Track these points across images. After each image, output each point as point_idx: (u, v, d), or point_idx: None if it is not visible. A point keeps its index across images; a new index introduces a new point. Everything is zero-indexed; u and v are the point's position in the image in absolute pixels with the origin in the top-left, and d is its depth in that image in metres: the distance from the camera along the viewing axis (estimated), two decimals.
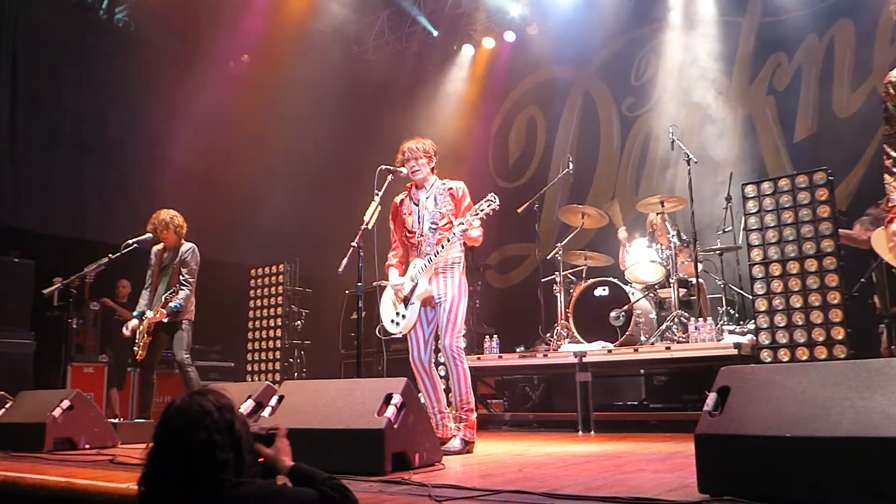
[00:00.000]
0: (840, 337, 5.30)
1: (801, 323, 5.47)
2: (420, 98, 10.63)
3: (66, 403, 4.73)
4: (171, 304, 5.96)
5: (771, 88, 8.57)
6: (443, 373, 5.47)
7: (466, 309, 4.74)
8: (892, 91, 3.20)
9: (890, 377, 2.15)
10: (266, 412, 3.63)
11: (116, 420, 5.36)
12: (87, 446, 4.75)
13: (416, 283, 4.61)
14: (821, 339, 5.37)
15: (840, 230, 5.57)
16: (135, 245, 6.12)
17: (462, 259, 4.78)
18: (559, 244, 7.22)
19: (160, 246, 6.36)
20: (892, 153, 3.18)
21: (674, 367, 6.63)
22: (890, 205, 3.12)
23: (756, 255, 5.78)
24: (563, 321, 6.95)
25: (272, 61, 9.69)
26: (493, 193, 4.55)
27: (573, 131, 10.08)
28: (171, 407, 2.06)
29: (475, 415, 4.54)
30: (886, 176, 3.19)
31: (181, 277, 6.16)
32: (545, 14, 10.03)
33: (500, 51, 10.56)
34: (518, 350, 7.11)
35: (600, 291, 6.72)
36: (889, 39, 7.59)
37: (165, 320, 5.95)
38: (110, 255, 6.03)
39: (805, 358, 5.41)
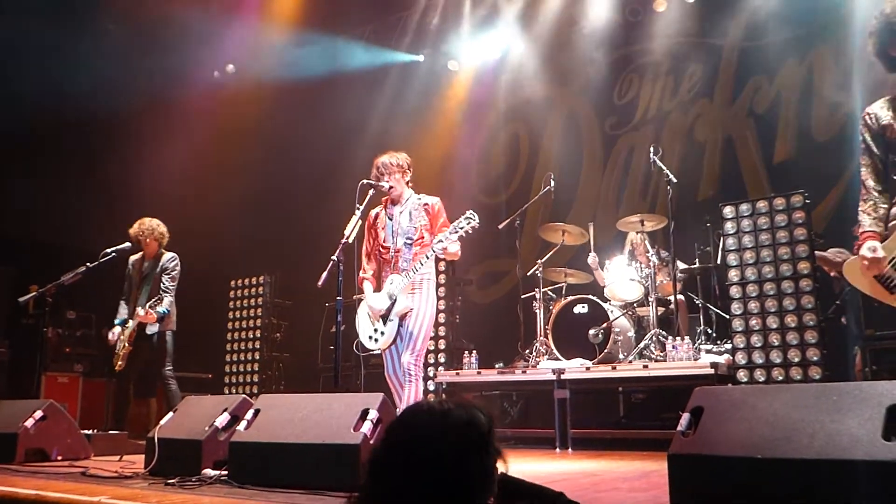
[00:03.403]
0: (815, 358, 5.37)
1: (777, 343, 5.53)
2: (404, 112, 10.64)
3: (38, 414, 4.68)
4: (159, 310, 5.97)
5: (751, 111, 8.66)
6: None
7: (433, 327, 4.78)
8: (870, 122, 3.27)
9: (859, 400, 2.19)
10: (242, 426, 3.61)
11: (89, 432, 5.29)
12: (60, 458, 4.70)
13: (395, 300, 4.62)
14: (796, 359, 5.44)
15: (816, 252, 5.65)
16: (113, 254, 6.11)
17: (433, 275, 4.80)
18: (539, 261, 7.25)
19: (138, 255, 6.34)
20: (870, 183, 3.25)
21: (651, 386, 6.67)
22: (861, 230, 3.19)
23: (733, 275, 5.84)
24: (542, 338, 6.97)
25: (256, 71, 9.68)
26: (472, 210, 4.57)
27: (556, 149, 10.13)
28: (425, 417, 1.61)
29: None
30: (861, 203, 3.26)
31: (162, 285, 6.16)
32: (529, 32, 10.10)
33: (485, 68, 10.62)
34: (497, 366, 7.11)
35: (580, 309, 6.76)
36: (867, 66, 7.71)
37: (155, 326, 5.95)
38: (88, 264, 6.00)
39: (780, 378, 5.47)
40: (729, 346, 5.99)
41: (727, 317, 6.03)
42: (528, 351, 7.11)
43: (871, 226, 3.16)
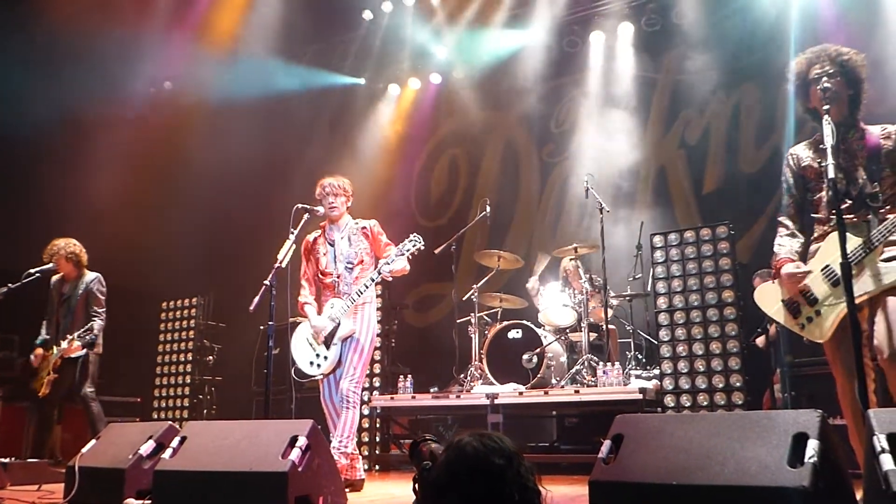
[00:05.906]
0: (738, 384, 5.56)
1: (702, 369, 5.71)
2: (344, 135, 10.66)
3: None
4: (88, 338, 5.79)
5: (683, 142, 8.96)
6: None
7: (372, 352, 4.84)
8: (792, 163, 3.44)
9: (768, 429, 2.28)
10: (167, 454, 3.53)
11: (6, 460, 5.09)
12: None
13: (339, 324, 4.64)
14: (720, 385, 5.62)
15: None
16: (37, 274, 5.93)
17: (374, 300, 4.87)
18: (475, 286, 7.32)
19: (59, 276, 6.16)
20: (787, 221, 3.40)
21: (583, 410, 6.76)
22: (777, 258, 3.34)
23: (662, 302, 6.02)
24: (476, 362, 7.01)
25: (193, 91, 9.56)
26: (416, 234, 4.69)
27: (494, 175, 10.28)
28: (473, 445, 1.97)
29: (346, 461, 4.53)
30: (778, 237, 3.41)
31: (91, 310, 5.99)
32: (471, 58, 10.26)
33: (426, 92, 10.72)
34: (432, 390, 7.12)
35: (514, 334, 6.83)
36: (791, 101, 8.05)
37: (80, 354, 5.77)
38: (10, 285, 5.81)
39: (706, 403, 5.63)
40: (657, 371, 6.14)
41: (656, 343, 6.19)
42: (462, 375, 7.14)
43: (788, 254, 3.32)
